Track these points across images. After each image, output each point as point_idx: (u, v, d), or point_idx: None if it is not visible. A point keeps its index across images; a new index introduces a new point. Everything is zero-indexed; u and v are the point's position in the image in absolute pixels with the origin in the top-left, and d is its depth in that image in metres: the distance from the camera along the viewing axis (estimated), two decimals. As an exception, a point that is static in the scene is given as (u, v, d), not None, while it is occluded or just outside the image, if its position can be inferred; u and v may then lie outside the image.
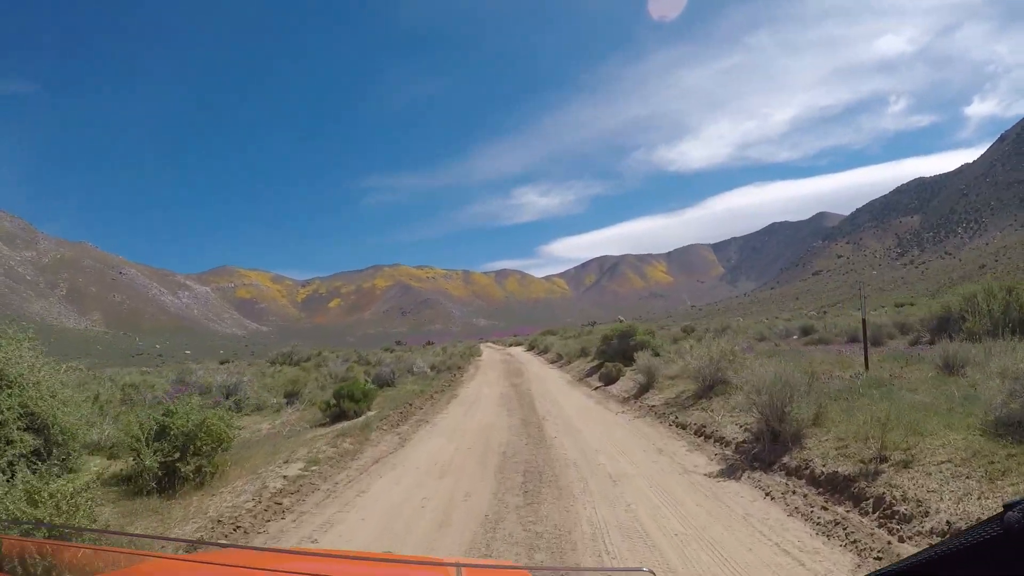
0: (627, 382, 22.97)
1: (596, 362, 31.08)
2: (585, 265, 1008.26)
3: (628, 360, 27.06)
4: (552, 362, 42.51)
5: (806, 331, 42.60)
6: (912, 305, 69.49)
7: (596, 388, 24.33)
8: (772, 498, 8.50)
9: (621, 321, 35.71)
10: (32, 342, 7.90)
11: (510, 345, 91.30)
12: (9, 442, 6.81)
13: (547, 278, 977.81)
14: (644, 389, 19.91)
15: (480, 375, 34.80)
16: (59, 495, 5.87)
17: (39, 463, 7.00)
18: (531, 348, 62.63)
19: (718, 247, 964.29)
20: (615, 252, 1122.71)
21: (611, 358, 28.83)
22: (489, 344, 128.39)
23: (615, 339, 29.92)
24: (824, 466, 8.88)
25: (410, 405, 20.10)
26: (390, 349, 72.76)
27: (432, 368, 34.59)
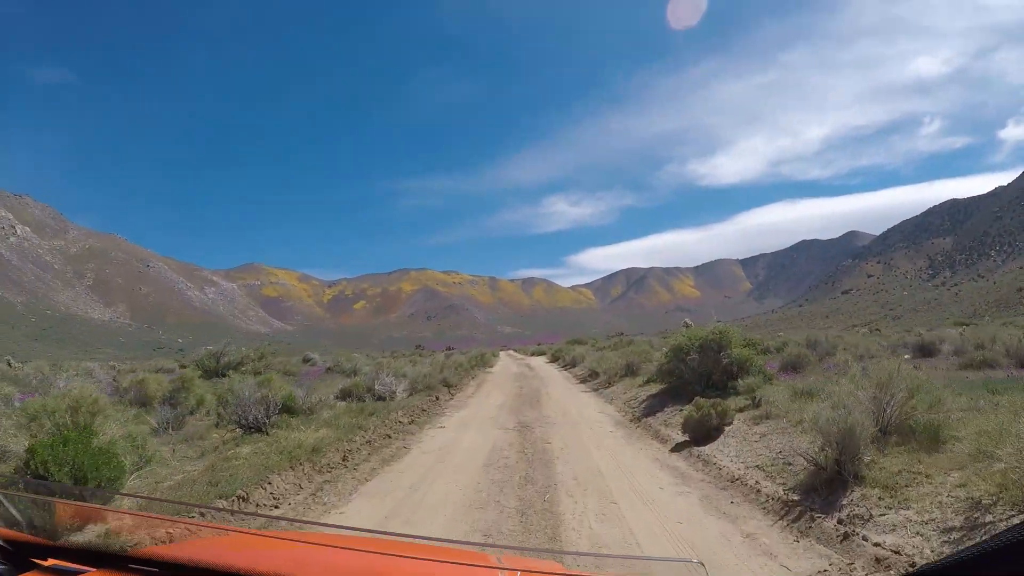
0: (750, 443, 11.10)
1: (655, 387, 19.50)
2: (612, 276, 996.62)
3: (717, 390, 15.82)
4: (583, 381, 30.30)
5: (924, 350, 30.55)
6: (975, 325, 57.88)
7: (680, 448, 12.17)
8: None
9: (688, 326, 23.82)
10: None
11: (532, 354, 79.58)
12: None
13: (574, 288, 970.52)
14: (837, 481, 7.74)
15: (476, 401, 22.81)
16: None
17: None
18: (555, 359, 50.58)
19: (746, 263, 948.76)
20: (643, 264, 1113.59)
21: (686, 384, 17.03)
22: (511, 352, 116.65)
23: (693, 352, 17.64)
24: None
25: (245, 500, 8.02)
26: (396, 354, 62.07)
27: (411, 386, 22.66)
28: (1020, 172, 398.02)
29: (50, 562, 1.59)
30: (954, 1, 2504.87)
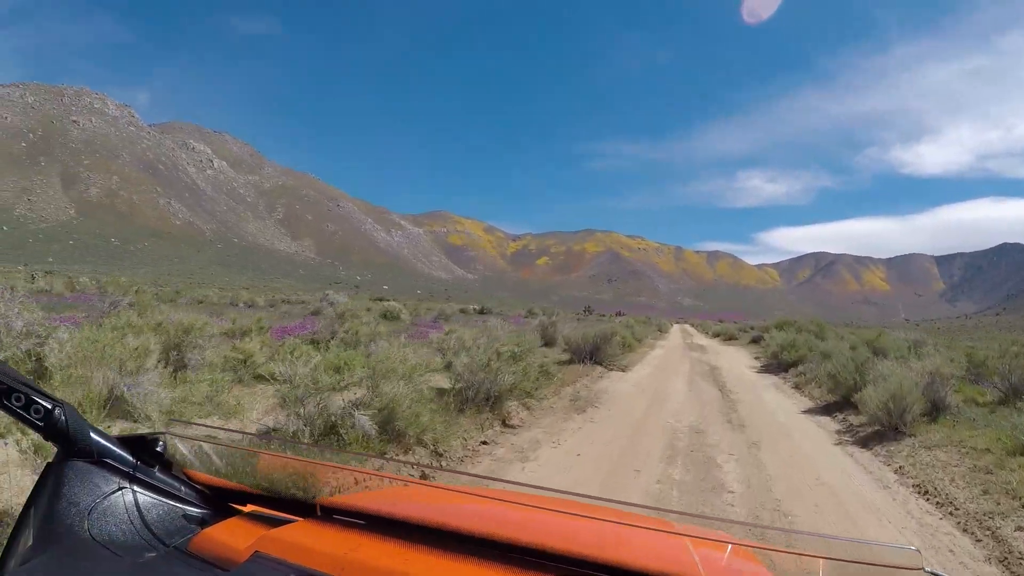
0: None
1: None
2: (800, 259, 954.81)
3: None
4: None
5: None
6: None
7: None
8: None
9: None
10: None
11: (715, 335, 50.68)
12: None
13: (759, 266, 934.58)
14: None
15: None
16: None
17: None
18: (786, 364, 20.96)
19: (941, 260, 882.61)
20: (833, 250, 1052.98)
21: None
22: (686, 326, 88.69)
23: None
24: None
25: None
26: (535, 312, 36.87)
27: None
28: None
29: (249, 508, 1.69)
30: None
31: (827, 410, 13.02)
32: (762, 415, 12.34)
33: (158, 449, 1.60)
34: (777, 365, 21.81)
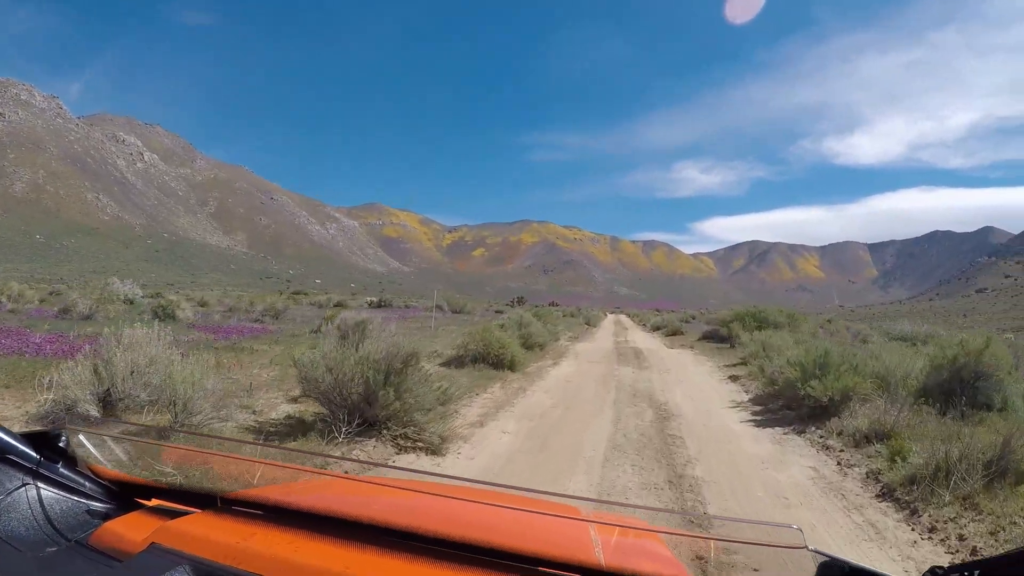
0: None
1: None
2: (735, 248, 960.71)
3: None
4: None
5: None
6: None
7: None
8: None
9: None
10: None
11: (655, 329, 40.93)
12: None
13: (695, 255, 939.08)
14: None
15: None
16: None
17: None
18: (833, 424, 9.22)
19: (874, 248, 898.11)
20: (767, 238, 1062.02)
21: None
22: (622, 316, 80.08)
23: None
24: None
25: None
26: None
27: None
28: None
29: (154, 502, 1.67)
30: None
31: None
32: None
33: (61, 444, 1.56)
34: (780, 400, 11.01)
